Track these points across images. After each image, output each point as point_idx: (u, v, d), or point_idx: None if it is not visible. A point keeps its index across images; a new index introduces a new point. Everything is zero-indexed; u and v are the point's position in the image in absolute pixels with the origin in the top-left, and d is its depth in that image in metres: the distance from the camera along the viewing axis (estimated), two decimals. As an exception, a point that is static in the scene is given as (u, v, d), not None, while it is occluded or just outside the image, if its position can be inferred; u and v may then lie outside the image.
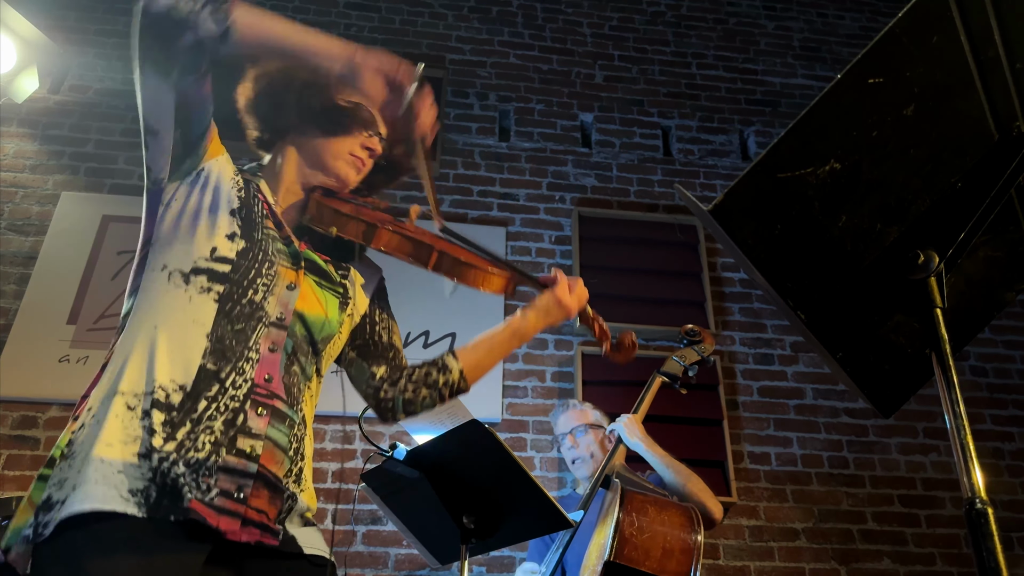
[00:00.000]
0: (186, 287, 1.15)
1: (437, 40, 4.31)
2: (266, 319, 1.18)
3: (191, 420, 1.07)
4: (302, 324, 1.23)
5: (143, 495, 1.02)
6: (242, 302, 1.16)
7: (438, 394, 1.36)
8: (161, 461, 1.04)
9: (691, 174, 4.12)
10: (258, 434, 1.13)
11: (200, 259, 1.16)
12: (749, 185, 0.80)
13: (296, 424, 1.20)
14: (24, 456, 3.00)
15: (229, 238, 1.18)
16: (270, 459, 1.14)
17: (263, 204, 1.27)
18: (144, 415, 1.06)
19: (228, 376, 1.12)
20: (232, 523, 1.06)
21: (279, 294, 1.21)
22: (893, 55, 0.80)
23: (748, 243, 0.82)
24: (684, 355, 2.50)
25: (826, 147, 0.81)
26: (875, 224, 0.86)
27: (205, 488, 1.05)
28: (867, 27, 4.78)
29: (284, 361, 1.19)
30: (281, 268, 1.22)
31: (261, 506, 1.11)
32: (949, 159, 0.86)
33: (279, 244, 1.25)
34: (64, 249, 3.43)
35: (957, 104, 0.84)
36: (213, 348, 1.12)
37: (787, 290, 0.85)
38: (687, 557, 2.01)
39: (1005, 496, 3.45)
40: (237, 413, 1.11)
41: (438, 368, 1.37)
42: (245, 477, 1.10)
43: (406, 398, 1.36)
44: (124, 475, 1.02)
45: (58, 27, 3.94)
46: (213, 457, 1.07)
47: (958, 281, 0.90)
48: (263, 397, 1.15)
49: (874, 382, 0.93)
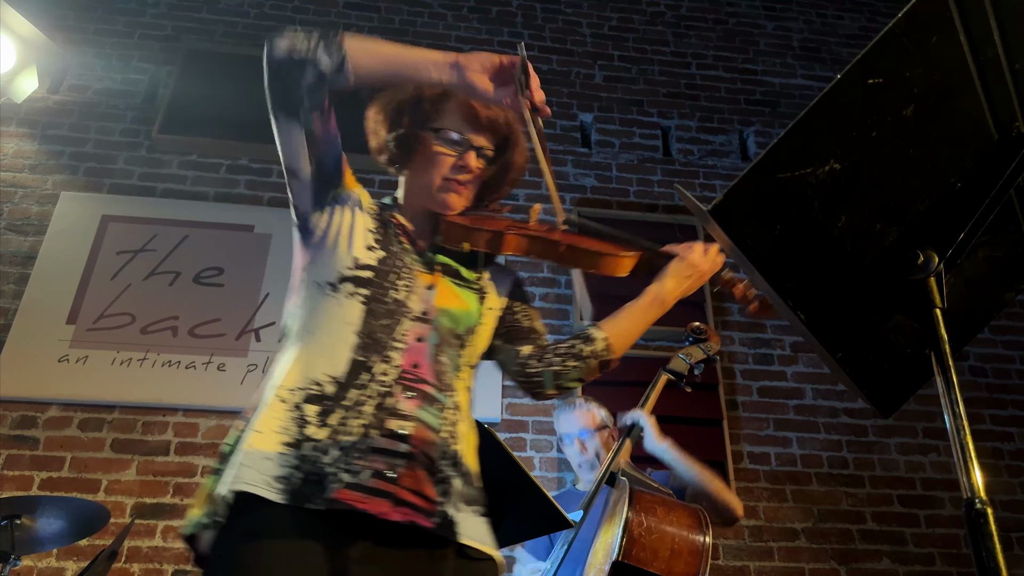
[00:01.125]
0: (335, 294, 1.25)
1: (437, 40, 4.31)
2: (410, 314, 1.26)
3: (343, 407, 1.15)
4: (446, 318, 1.29)
5: (287, 482, 1.08)
6: (386, 300, 1.25)
7: (585, 365, 1.36)
8: (313, 449, 1.11)
9: (691, 174, 4.12)
10: (407, 415, 1.18)
11: (345, 269, 1.25)
12: (749, 185, 0.80)
13: (446, 408, 1.23)
14: (23, 456, 3.00)
15: (369, 249, 1.28)
16: (421, 439, 1.18)
17: (396, 226, 1.36)
18: (295, 408, 1.15)
19: (376, 365, 1.19)
20: (382, 504, 1.10)
21: (420, 292, 1.29)
22: (893, 55, 0.80)
23: (748, 243, 0.82)
24: (690, 353, 2.49)
25: (826, 147, 0.81)
26: (875, 224, 0.86)
27: (357, 470, 1.11)
28: (866, 27, 4.79)
29: (431, 351, 1.25)
30: (418, 273, 1.31)
31: (414, 486, 1.14)
32: (949, 159, 0.86)
33: (413, 255, 1.33)
34: (63, 249, 3.43)
35: (956, 104, 0.84)
36: (362, 343, 1.21)
37: (787, 290, 0.85)
38: (695, 559, 2.01)
39: (1004, 496, 3.45)
40: (386, 396, 1.18)
41: (582, 339, 1.38)
42: (396, 456, 1.14)
43: (554, 371, 1.36)
44: (272, 462, 1.10)
45: (58, 27, 3.94)
46: (364, 439, 1.13)
47: (958, 281, 0.90)
48: (411, 381, 1.21)
49: (873, 382, 0.93)
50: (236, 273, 3.49)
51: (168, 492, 3.01)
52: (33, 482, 2.97)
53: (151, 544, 2.91)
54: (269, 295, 3.45)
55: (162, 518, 2.96)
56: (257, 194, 3.72)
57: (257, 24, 4.24)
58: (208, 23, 4.21)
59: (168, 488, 3.02)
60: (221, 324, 3.36)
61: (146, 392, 3.17)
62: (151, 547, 2.90)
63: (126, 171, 3.70)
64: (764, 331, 3.72)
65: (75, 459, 3.03)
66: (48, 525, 2.32)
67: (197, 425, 3.16)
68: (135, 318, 3.32)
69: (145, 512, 2.95)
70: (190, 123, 3.81)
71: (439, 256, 1.36)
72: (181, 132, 3.78)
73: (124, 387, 3.16)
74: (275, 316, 3.40)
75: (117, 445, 3.07)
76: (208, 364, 3.26)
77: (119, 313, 3.32)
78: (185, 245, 3.52)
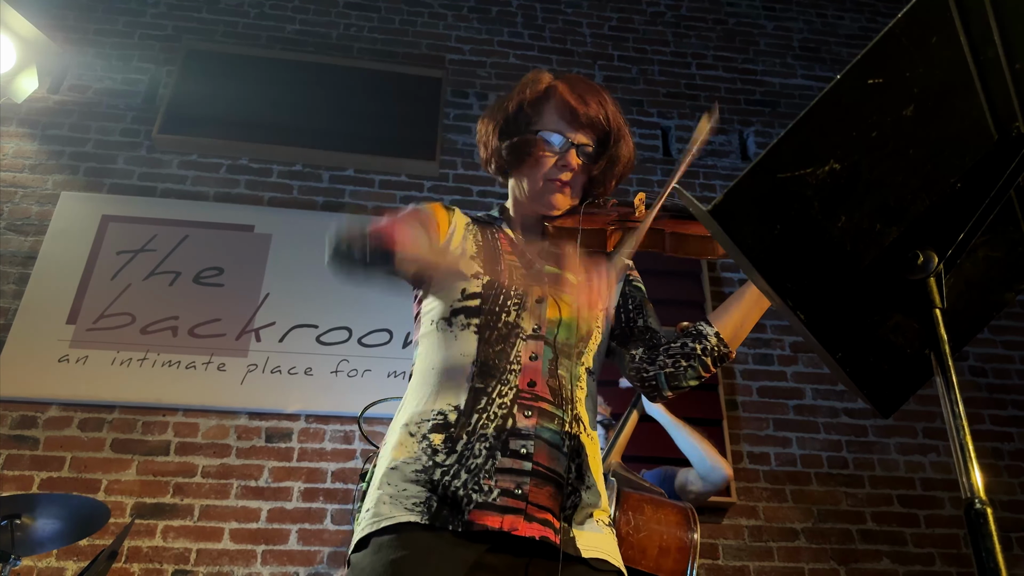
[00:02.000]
0: (450, 328, 1.29)
1: (437, 40, 4.31)
2: (522, 334, 1.29)
3: (467, 432, 1.20)
4: (560, 328, 1.31)
5: (425, 506, 1.15)
6: (498, 326, 1.28)
7: (700, 363, 1.29)
8: (443, 475, 1.17)
9: (690, 174, 4.12)
10: (528, 434, 1.21)
11: (454, 302, 1.30)
12: (748, 185, 0.80)
13: (567, 423, 1.25)
14: (23, 456, 3.00)
15: (475, 277, 1.31)
16: (544, 456, 1.20)
17: (502, 241, 1.39)
18: (423, 438, 1.21)
19: (495, 389, 1.23)
20: (515, 520, 1.14)
21: (531, 309, 1.31)
22: (893, 56, 0.80)
23: (747, 243, 0.82)
24: None
25: (825, 147, 0.81)
26: (875, 224, 0.86)
27: (487, 489, 1.16)
28: (867, 27, 4.79)
29: (546, 367, 1.27)
30: (527, 288, 1.33)
31: (543, 502, 1.17)
32: (949, 159, 0.86)
33: (521, 270, 1.36)
34: (63, 249, 3.43)
35: (957, 104, 0.84)
36: (480, 370, 1.25)
37: (786, 290, 0.85)
38: (683, 555, 2.02)
39: (1004, 496, 3.45)
40: (506, 419, 1.21)
41: (693, 336, 1.31)
42: (522, 475, 1.18)
43: (667, 373, 1.31)
44: (408, 492, 1.16)
45: (58, 27, 3.94)
46: (490, 461, 1.17)
47: (957, 281, 0.90)
48: (528, 400, 1.24)
49: (873, 382, 0.93)
50: (236, 273, 3.49)
51: (168, 492, 3.01)
52: (33, 482, 2.97)
53: (151, 544, 2.91)
54: (269, 295, 3.45)
55: (162, 518, 2.96)
56: (257, 194, 3.72)
57: (257, 24, 4.24)
58: (208, 23, 4.21)
59: (168, 488, 3.02)
60: (221, 324, 3.36)
61: (146, 392, 3.17)
62: (151, 547, 2.90)
63: (126, 171, 3.70)
64: (764, 331, 3.72)
65: (75, 459, 3.03)
66: (48, 525, 2.32)
67: (197, 425, 3.16)
68: (135, 318, 3.32)
69: (145, 512, 2.96)
70: (190, 123, 3.81)
71: (547, 267, 1.37)
72: (181, 132, 3.78)
73: (124, 387, 3.16)
74: (275, 316, 3.40)
75: (117, 445, 3.07)
76: (208, 364, 3.26)
77: (119, 313, 3.32)
78: (185, 245, 3.52)
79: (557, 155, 1.36)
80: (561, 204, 1.37)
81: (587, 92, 1.38)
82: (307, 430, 3.20)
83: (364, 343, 3.38)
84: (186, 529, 2.96)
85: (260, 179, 3.76)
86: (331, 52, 4.18)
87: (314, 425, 3.21)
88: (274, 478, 3.10)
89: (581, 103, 1.35)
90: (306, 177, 3.79)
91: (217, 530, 2.97)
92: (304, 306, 3.43)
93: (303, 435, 3.19)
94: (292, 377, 3.27)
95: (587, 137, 1.37)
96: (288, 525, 3.01)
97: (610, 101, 1.39)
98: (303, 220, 3.65)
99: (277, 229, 3.62)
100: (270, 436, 3.18)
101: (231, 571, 2.90)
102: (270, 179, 3.76)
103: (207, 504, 3.01)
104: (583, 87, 1.39)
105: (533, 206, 1.40)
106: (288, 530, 3.00)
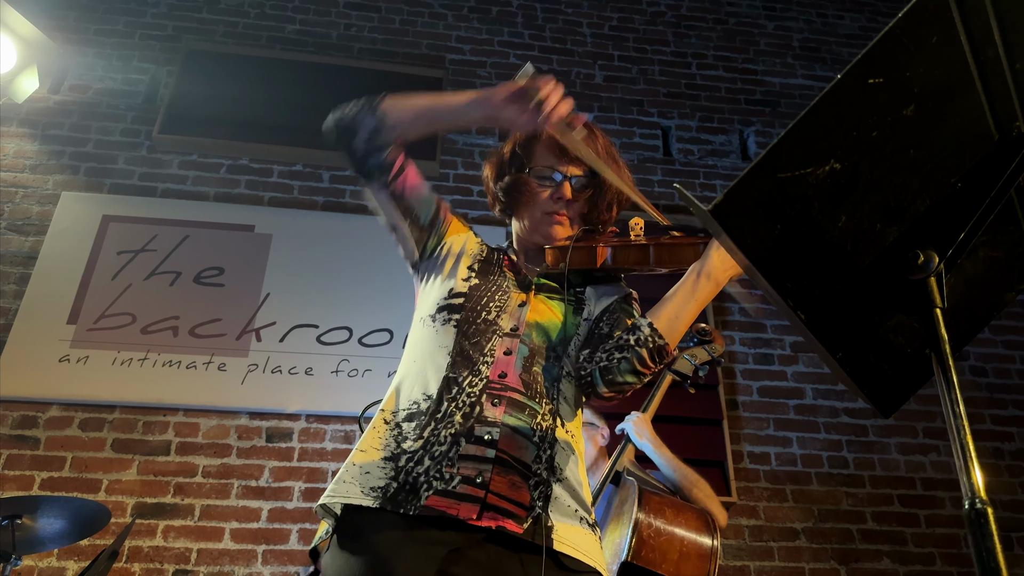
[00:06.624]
0: (433, 324, 1.34)
1: (437, 40, 4.31)
2: (500, 331, 1.32)
3: (435, 420, 1.23)
4: (538, 331, 1.34)
5: (382, 491, 1.17)
6: (477, 322, 1.32)
7: (634, 355, 1.26)
8: (407, 461, 1.20)
9: (691, 174, 4.12)
10: (494, 422, 1.23)
11: (440, 299, 1.36)
12: (749, 185, 0.80)
13: (540, 414, 1.26)
14: (24, 456, 3.00)
15: (464, 280, 1.38)
16: (510, 444, 1.22)
17: (505, 260, 1.46)
18: (396, 426, 1.25)
19: (465, 378, 1.26)
20: (471, 509, 1.15)
21: (511, 311, 1.35)
22: (893, 55, 0.80)
23: (748, 243, 0.82)
24: (695, 354, 2.50)
25: (826, 147, 0.81)
26: (875, 224, 0.86)
27: (448, 477, 1.17)
28: (867, 27, 4.78)
29: (520, 363, 1.30)
30: (513, 293, 1.39)
31: (503, 491, 1.18)
32: (949, 159, 0.86)
33: (513, 281, 1.42)
34: (64, 249, 3.43)
35: (957, 104, 0.84)
36: (454, 361, 1.28)
37: (787, 290, 0.85)
38: (703, 562, 2.02)
39: (1005, 496, 3.45)
40: (473, 406, 1.24)
41: (627, 330, 1.31)
42: (484, 463, 1.19)
43: (601, 367, 1.29)
44: (369, 475, 1.20)
45: (58, 27, 3.94)
46: (454, 448, 1.20)
47: (958, 281, 0.90)
48: (497, 390, 1.26)
49: (874, 382, 0.93)
50: (236, 273, 3.49)
51: (169, 492, 3.02)
52: (34, 482, 2.97)
53: (152, 544, 2.91)
54: (270, 295, 3.45)
55: (163, 518, 2.96)
56: (257, 194, 3.72)
57: (257, 24, 4.24)
58: (208, 23, 4.21)
59: (169, 488, 3.02)
60: (222, 324, 3.36)
61: (147, 392, 3.17)
62: (152, 547, 2.90)
63: (126, 171, 3.70)
64: (764, 331, 3.72)
65: (76, 459, 3.03)
66: (49, 525, 2.32)
67: (198, 425, 3.16)
68: (136, 318, 3.32)
69: (146, 512, 2.96)
70: (190, 123, 3.81)
71: (539, 279, 1.42)
72: (181, 132, 3.78)
73: (125, 387, 3.16)
74: (275, 316, 3.40)
75: (118, 445, 3.08)
76: (209, 364, 3.26)
77: (120, 313, 3.32)
78: (185, 245, 3.52)
79: (551, 188, 1.41)
80: (559, 234, 1.41)
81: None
82: (308, 430, 3.20)
83: (364, 343, 3.38)
84: (187, 529, 2.96)
85: (260, 179, 3.76)
86: (331, 52, 4.18)
87: (314, 425, 3.21)
88: (275, 478, 3.10)
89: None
90: (306, 177, 3.79)
91: (218, 530, 2.97)
92: (304, 306, 3.43)
93: (304, 435, 3.19)
94: (293, 377, 3.27)
95: (577, 168, 1.41)
96: (289, 525, 3.01)
97: (599, 134, 1.42)
98: (303, 220, 3.65)
99: (277, 229, 3.62)
100: (271, 436, 3.18)
101: (232, 571, 2.90)
102: (270, 179, 3.76)
103: (208, 504, 3.01)
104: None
105: (534, 238, 1.44)
106: (289, 530, 3.00)
